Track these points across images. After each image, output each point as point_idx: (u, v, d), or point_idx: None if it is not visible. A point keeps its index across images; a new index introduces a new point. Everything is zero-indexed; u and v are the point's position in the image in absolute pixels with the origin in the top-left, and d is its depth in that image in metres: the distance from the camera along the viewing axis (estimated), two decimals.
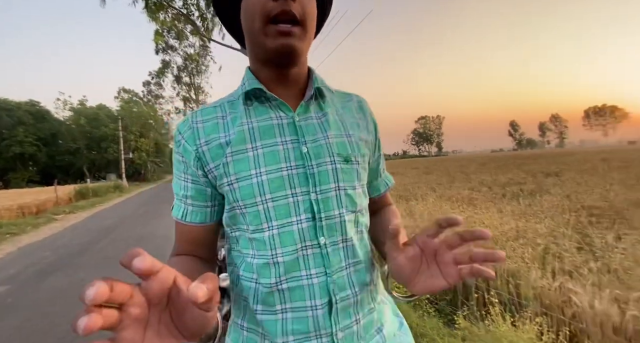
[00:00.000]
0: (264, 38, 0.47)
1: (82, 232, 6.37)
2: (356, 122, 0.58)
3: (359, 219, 0.54)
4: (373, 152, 0.61)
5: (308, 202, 0.49)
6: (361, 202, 0.55)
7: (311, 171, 0.49)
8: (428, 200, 5.67)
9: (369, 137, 0.59)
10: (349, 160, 0.52)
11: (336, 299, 0.49)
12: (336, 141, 0.52)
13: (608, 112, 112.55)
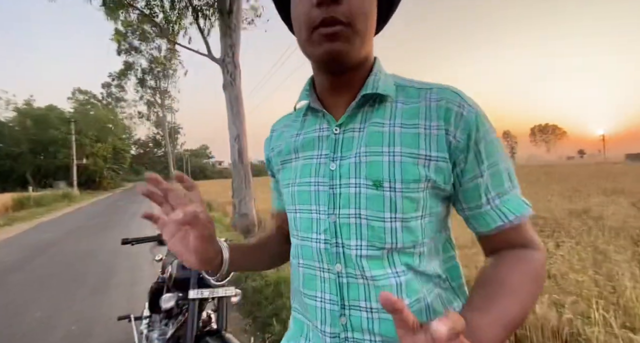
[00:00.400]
0: (310, 46, 0.45)
1: (15, 248, 5.63)
2: (416, 131, 0.44)
3: (395, 260, 0.44)
4: (450, 172, 0.44)
5: (327, 223, 0.47)
6: (398, 239, 0.44)
7: (335, 191, 0.46)
8: None
9: (439, 152, 0.43)
10: (379, 186, 0.44)
11: (347, 337, 0.46)
12: (368, 160, 0.45)
13: (550, 130, 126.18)
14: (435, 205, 0.46)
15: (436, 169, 0.44)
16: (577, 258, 2.75)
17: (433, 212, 0.46)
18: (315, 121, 0.52)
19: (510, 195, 0.45)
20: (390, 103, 0.47)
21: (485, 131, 0.44)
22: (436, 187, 0.45)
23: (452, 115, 0.44)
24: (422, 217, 0.45)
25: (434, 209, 0.46)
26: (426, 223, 0.45)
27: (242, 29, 6.32)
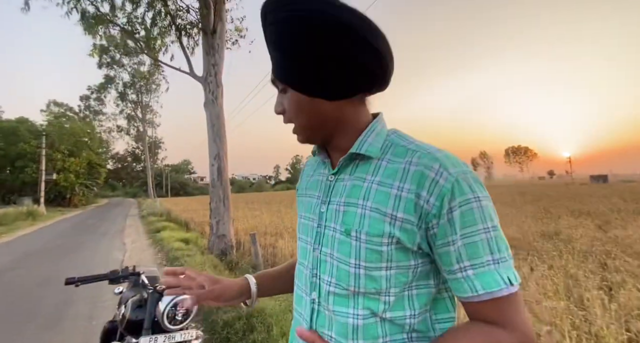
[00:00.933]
0: None
1: None
2: (388, 190, 0.47)
3: (360, 301, 0.48)
4: (417, 235, 0.46)
5: (312, 255, 0.55)
6: (360, 284, 0.47)
7: (320, 230, 0.54)
8: None
9: (405, 214, 0.45)
10: (348, 234, 0.49)
11: None
12: (345, 209, 0.51)
13: (523, 152, 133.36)
14: (404, 259, 0.47)
15: (401, 228, 0.46)
16: (550, 283, 2.79)
17: (402, 265, 0.47)
18: (323, 166, 0.61)
19: (487, 269, 0.43)
20: (377, 160, 0.52)
21: (463, 200, 0.44)
22: (401, 244, 0.47)
23: (426, 181, 0.45)
24: (387, 268, 0.47)
25: (403, 263, 0.47)
26: (393, 274, 0.47)
27: (226, 49, 6.39)
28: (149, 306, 1.28)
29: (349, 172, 0.54)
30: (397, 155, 0.50)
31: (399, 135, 0.54)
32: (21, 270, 5.18)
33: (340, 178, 0.54)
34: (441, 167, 0.45)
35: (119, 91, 33.31)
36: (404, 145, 0.51)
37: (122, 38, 6.96)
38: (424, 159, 0.47)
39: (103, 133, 39.43)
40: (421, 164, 0.46)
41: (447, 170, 0.45)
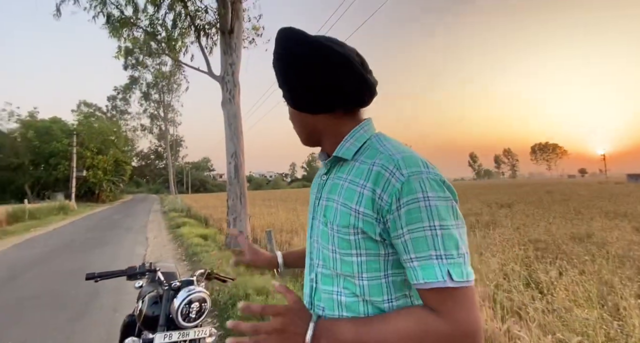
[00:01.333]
0: None
1: (2, 264, 5.46)
2: (355, 188, 0.55)
3: (342, 282, 0.57)
4: (377, 227, 0.52)
5: (309, 244, 0.67)
6: (338, 267, 0.57)
7: (313, 222, 0.65)
8: None
9: (365, 209, 0.52)
10: (326, 225, 0.59)
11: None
12: (326, 204, 0.60)
13: (551, 149, 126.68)
14: (373, 248, 0.54)
15: (364, 221, 0.53)
16: (582, 290, 2.61)
17: (372, 253, 0.54)
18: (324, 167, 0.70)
19: (429, 262, 0.48)
20: (353, 161, 0.59)
21: (411, 199, 0.49)
22: (366, 234, 0.53)
23: (381, 180, 0.52)
24: (357, 255, 0.55)
25: (373, 251, 0.54)
26: (364, 260, 0.54)
27: (243, 47, 6.45)
28: (164, 303, 1.29)
29: (333, 172, 0.64)
30: (368, 157, 0.58)
31: (378, 139, 0.60)
32: (53, 262, 5.50)
33: (329, 177, 0.64)
34: (395, 167, 0.52)
35: (142, 91, 34.66)
36: (377, 148, 0.58)
37: (145, 40, 7.16)
38: (383, 160, 0.54)
39: (128, 132, 41.17)
40: (380, 165, 0.53)
41: (400, 171, 0.51)
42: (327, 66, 0.57)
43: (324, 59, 0.57)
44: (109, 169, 31.18)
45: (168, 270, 1.61)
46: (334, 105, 0.61)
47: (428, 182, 0.50)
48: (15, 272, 4.80)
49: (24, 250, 6.82)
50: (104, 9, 6.54)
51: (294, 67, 0.59)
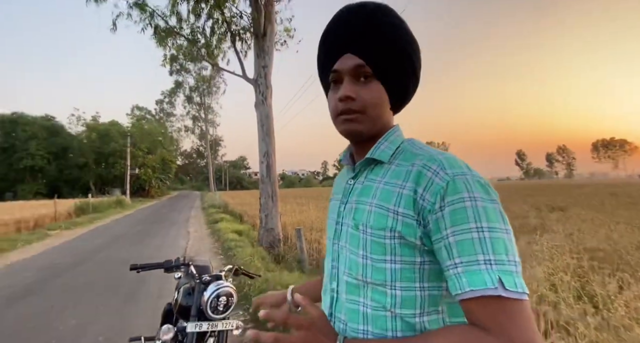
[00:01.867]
0: (336, 125, 0.61)
1: (70, 251, 6.26)
2: (392, 189, 0.53)
3: (369, 293, 0.53)
4: (417, 229, 0.49)
5: (332, 250, 0.63)
6: (368, 274, 0.52)
7: (338, 227, 0.62)
8: None
9: (405, 209, 0.49)
10: (357, 228, 0.55)
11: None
12: (357, 207, 0.58)
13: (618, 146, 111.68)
14: (409, 255, 0.50)
15: (404, 223, 0.49)
16: None
17: (408, 260, 0.50)
18: (348, 172, 0.68)
19: (476, 267, 0.43)
20: (388, 164, 0.58)
21: (456, 198, 0.46)
22: (404, 238, 0.49)
23: (423, 179, 0.49)
24: (391, 261, 0.50)
25: (409, 258, 0.50)
26: (398, 268, 0.50)
27: (275, 50, 6.62)
28: (195, 295, 1.39)
29: (364, 176, 0.61)
30: (405, 159, 0.56)
31: (412, 143, 0.60)
32: (110, 251, 6.18)
33: (358, 181, 0.62)
34: (439, 167, 0.49)
35: (186, 94, 37.20)
36: (413, 151, 0.56)
37: (187, 47, 7.69)
38: (425, 160, 0.52)
39: (174, 132, 44.50)
40: (422, 165, 0.51)
41: (444, 170, 0.48)
42: (419, 54, 0.60)
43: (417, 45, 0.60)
44: (157, 167, 34.08)
45: (202, 264, 1.72)
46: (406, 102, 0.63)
47: (475, 183, 0.47)
48: (79, 259, 5.47)
49: (89, 239, 7.74)
50: (152, 21, 7.14)
51: (415, 50, 0.58)
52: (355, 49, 0.56)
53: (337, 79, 0.59)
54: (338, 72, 0.58)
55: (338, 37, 0.58)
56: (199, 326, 1.31)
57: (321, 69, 0.64)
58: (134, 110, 43.30)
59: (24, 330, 2.74)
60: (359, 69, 0.56)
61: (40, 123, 33.40)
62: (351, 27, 0.57)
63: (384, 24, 0.56)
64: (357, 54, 0.56)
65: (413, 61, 0.58)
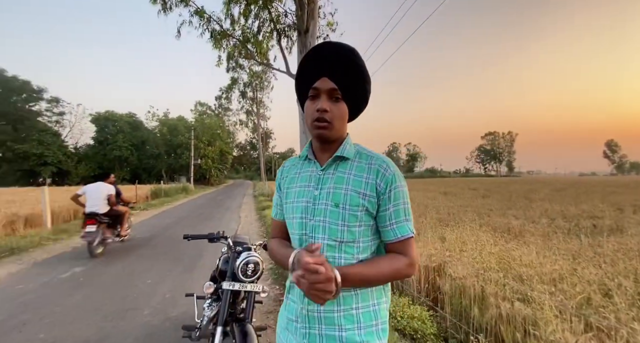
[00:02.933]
0: (310, 128, 0.83)
1: (146, 227, 7.50)
2: (361, 179, 0.80)
3: (343, 248, 0.79)
4: (375, 204, 0.79)
5: (308, 224, 0.82)
6: (344, 236, 0.78)
7: (314, 207, 0.82)
8: (466, 228, 5.25)
9: (370, 192, 0.78)
10: (338, 205, 0.79)
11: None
12: (334, 191, 0.80)
13: None
14: (368, 221, 0.80)
15: (368, 201, 0.79)
16: None
17: (367, 224, 0.80)
18: (309, 165, 0.89)
19: (402, 224, 0.80)
20: (351, 161, 0.84)
21: (396, 185, 0.80)
22: (368, 210, 0.79)
23: (379, 173, 0.80)
24: (359, 226, 0.79)
25: (368, 223, 0.80)
26: (362, 230, 0.80)
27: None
28: (231, 262, 1.72)
29: (332, 169, 0.84)
30: (362, 158, 0.84)
31: (360, 147, 0.88)
32: (175, 229, 7.23)
33: (328, 172, 0.84)
34: (386, 166, 0.81)
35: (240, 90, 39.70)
36: (366, 153, 0.85)
37: (239, 47, 8.34)
38: (378, 161, 0.82)
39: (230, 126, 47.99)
40: (377, 164, 0.82)
41: (390, 169, 0.81)
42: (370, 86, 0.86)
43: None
44: (216, 158, 37.44)
45: (239, 239, 2.07)
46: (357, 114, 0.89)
47: (401, 177, 0.82)
48: (153, 234, 6.55)
49: (161, 218, 9.11)
50: (209, 26, 7.91)
51: (369, 83, 0.84)
52: (332, 76, 0.78)
53: (315, 94, 0.80)
54: (318, 89, 0.79)
55: (321, 64, 0.79)
56: (231, 285, 1.64)
57: (302, 84, 0.84)
58: (196, 106, 47.80)
59: (115, 284, 3.51)
60: (333, 91, 0.79)
61: (125, 119, 39.12)
62: (331, 59, 0.78)
63: (354, 63, 0.79)
64: (332, 80, 0.78)
65: (367, 92, 0.84)
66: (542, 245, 4.41)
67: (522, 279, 2.92)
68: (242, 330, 1.49)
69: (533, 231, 5.65)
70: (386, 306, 0.84)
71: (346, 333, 0.76)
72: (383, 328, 0.80)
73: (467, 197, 13.78)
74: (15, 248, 5.11)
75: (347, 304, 0.78)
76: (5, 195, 11.06)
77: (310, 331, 0.78)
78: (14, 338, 2.34)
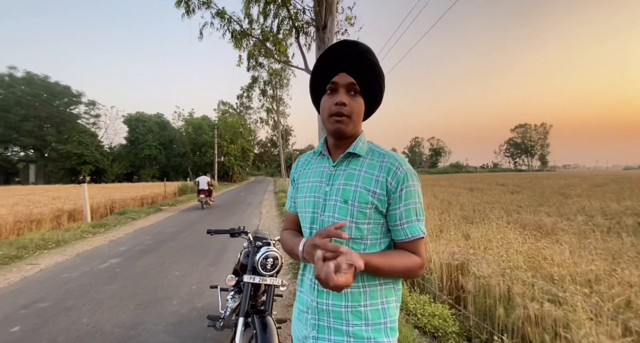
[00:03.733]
0: (327, 124, 0.83)
1: (174, 222, 7.89)
2: (371, 177, 0.80)
3: (351, 244, 0.79)
4: (385, 202, 0.78)
5: (318, 219, 0.84)
6: (352, 233, 0.79)
7: (325, 202, 0.83)
8: (492, 225, 5.04)
9: (380, 190, 0.78)
10: (346, 202, 0.79)
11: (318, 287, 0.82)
12: (343, 188, 0.81)
13: None
14: (378, 218, 0.80)
15: (378, 199, 0.79)
16: None
17: (376, 221, 0.80)
18: (323, 161, 0.90)
19: (413, 224, 0.79)
20: (363, 158, 0.84)
21: (408, 184, 0.79)
22: (377, 208, 0.79)
23: (390, 172, 0.79)
24: (368, 223, 0.79)
25: (377, 220, 0.80)
26: (371, 227, 0.80)
27: (336, 40, 6.76)
28: (251, 256, 1.78)
29: (344, 165, 0.85)
30: (374, 156, 0.84)
31: (374, 144, 0.88)
32: (201, 224, 7.54)
33: (340, 168, 0.85)
34: (399, 164, 0.80)
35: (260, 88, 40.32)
36: (378, 151, 0.84)
37: (258, 46, 8.47)
38: (390, 159, 0.81)
39: (251, 124, 49.05)
40: (389, 162, 0.81)
41: (402, 167, 0.80)
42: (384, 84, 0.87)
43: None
44: (238, 155, 38.43)
45: (259, 234, 2.14)
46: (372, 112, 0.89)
47: (414, 175, 0.81)
48: (180, 229, 6.88)
49: (187, 214, 9.54)
50: (229, 27, 8.09)
51: (383, 80, 0.85)
52: (351, 71, 0.79)
53: (333, 88, 0.81)
54: (336, 83, 0.80)
55: (339, 60, 0.80)
56: (252, 278, 1.70)
57: (319, 79, 0.84)
58: (219, 105, 49.17)
59: (147, 275, 3.75)
60: (351, 85, 0.79)
61: (154, 120, 41.16)
62: (349, 55, 0.80)
63: (370, 60, 0.81)
64: (350, 75, 0.79)
65: (382, 89, 0.85)
66: (577, 244, 4.15)
67: (552, 279, 2.78)
68: (262, 321, 1.55)
69: (567, 229, 5.31)
70: (396, 305, 0.83)
71: (353, 328, 0.77)
72: (392, 327, 0.80)
73: (495, 192, 13.17)
74: (60, 240, 5.59)
75: (355, 300, 0.78)
76: (52, 191, 12.06)
77: (320, 323, 0.80)
78: (62, 321, 2.58)
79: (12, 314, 2.72)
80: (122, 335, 2.35)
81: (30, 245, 5.10)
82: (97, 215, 8.75)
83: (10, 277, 3.78)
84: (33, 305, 2.91)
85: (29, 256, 4.73)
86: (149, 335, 2.36)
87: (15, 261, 4.44)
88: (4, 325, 2.52)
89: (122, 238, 6.04)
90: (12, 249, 4.81)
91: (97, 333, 2.38)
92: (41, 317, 2.67)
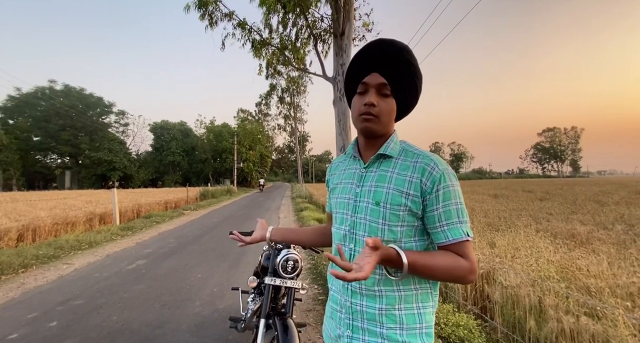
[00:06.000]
0: (356, 122, 0.83)
1: (196, 226, 8.12)
2: (404, 178, 0.77)
3: None
4: (419, 204, 0.75)
5: (349, 221, 0.83)
6: (385, 235, 0.77)
7: (356, 204, 0.82)
8: (519, 233, 4.79)
9: (414, 192, 0.75)
10: (378, 204, 0.78)
11: (351, 287, 0.80)
12: (375, 190, 0.79)
13: None
14: (412, 221, 0.77)
15: (412, 200, 0.76)
16: None
17: (410, 224, 0.77)
18: (354, 162, 0.90)
19: (454, 226, 0.74)
20: (395, 159, 0.81)
21: (445, 184, 0.75)
22: (411, 210, 0.76)
23: (425, 172, 0.76)
24: (401, 225, 0.77)
25: (411, 223, 0.77)
26: (404, 229, 0.77)
27: (353, 46, 6.81)
28: (272, 258, 1.81)
29: (375, 166, 0.83)
30: (407, 156, 0.81)
31: (407, 144, 0.85)
32: (221, 227, 7.71)
33: (370, 170, 0.84)
34: (434, 164, 0.76)
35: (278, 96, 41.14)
36: (412, 151, 0.81)
37: (277, 54, 8.69)
38: (424, 159, 0.78)
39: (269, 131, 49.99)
40: (423, 162, 0.77)
41: (438, 167, 0.76)
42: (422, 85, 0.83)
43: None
44: (256, 161, 39.21)
45: None
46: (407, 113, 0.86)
47: (452, 174, 0.77)
48: (202, 232, 7.07)
49: (208, 218, 9.81)
50: (250, 36, 8.37)
51: (420, 81, 0.81)
52: (382, 71, 0.77)
53: (364, 90, 0.80)
54: (367, 84, 0.79)
55: (372, 59, 0.78)
56: (273, 280, 1.72)
57: (351, 79, 0.84)
58: (239, 113, 50.63)
59: (171, 277, 3.87)
60: (382, 86, 0.78)
61: (178, 127, 42.99)
62: (382, 55, 0.78)
63: (405, 59, 0.78)
64: (382, 75, 0.77)
65: (418, 89, 0.81)
66: (616, 254, 3.86)
67: (589, 291, 2.60)
68: (283, 323, 1.56)
69: (605, 238, 4.96)
70: (432, 310, 0.80)
71: (387, 331, 0.75)
72: (428, 333, 0.77)
73: (521, 199, 12.55)
74: (92, 242, 5.91)
75: (389, 303, 0.76)
76: (85, 196, 12.83)
77: (354, 323, 0.79)
78: (94, 318, 2.72)
79: (50, 310, 2.90)
80: (149, 333, 2.44)
81: (65, 246, 5.43)
82: (125, 218, 9.19)
83: (48, 275, 4.03)
84: (68, 302, 3.09)
85: (64, 256, 5.03)
86: (173, 334, 2.43)
87: (53, 260, 4.74)
88: (44, 320, 2.68)
89: (148, 240, 6.28)
90: (51, 249, 5.14)
91: (125, 331, 2.48)
92: (75, 313, 2.82)
